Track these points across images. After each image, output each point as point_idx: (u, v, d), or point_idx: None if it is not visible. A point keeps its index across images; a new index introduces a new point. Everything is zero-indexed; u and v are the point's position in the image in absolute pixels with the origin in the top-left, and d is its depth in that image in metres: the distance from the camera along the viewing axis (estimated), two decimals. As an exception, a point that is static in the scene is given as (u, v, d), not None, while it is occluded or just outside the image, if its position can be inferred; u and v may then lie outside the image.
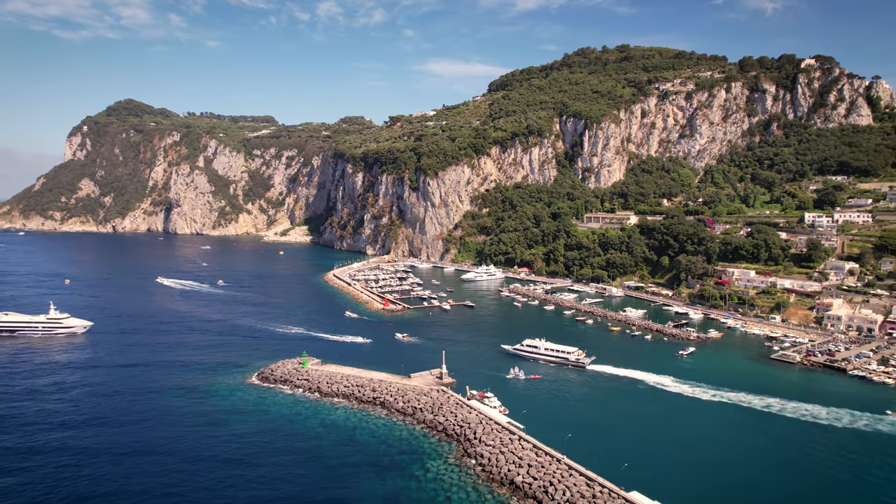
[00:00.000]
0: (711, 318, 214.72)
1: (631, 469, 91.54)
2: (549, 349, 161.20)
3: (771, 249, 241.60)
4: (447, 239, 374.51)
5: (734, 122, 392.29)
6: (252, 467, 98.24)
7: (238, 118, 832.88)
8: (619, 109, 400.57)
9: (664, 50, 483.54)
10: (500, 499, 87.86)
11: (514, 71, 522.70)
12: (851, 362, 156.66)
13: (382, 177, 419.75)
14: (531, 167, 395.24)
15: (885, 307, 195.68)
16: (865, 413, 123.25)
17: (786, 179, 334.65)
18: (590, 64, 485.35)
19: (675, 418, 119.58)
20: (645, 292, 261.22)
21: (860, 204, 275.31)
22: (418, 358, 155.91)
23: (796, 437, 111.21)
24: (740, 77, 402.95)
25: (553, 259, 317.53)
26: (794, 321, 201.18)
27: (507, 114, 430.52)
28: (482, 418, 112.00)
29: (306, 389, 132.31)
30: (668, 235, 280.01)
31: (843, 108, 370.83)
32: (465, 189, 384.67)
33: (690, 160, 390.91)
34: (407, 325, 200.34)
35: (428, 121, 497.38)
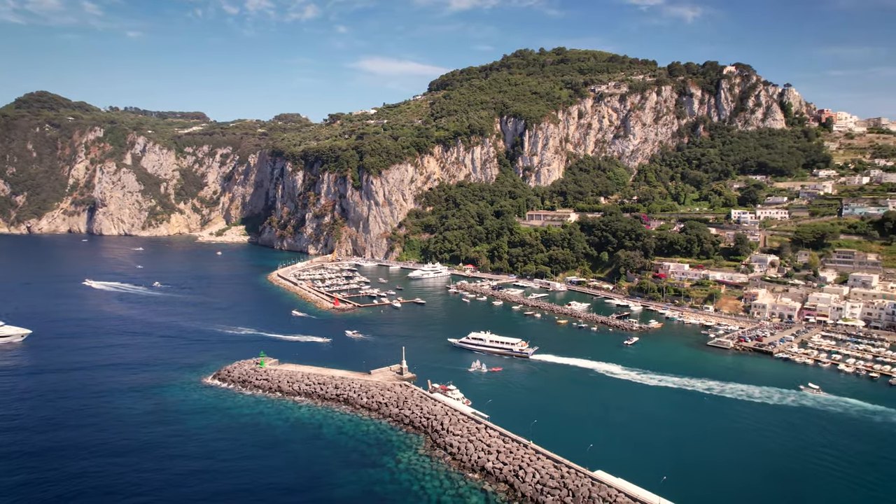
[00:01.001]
0: (651, 309, 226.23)
1: (594, 450, 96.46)
2: (494, 341, 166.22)
3: (702, 244, 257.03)
4: (392, 237, 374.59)
5: (665, 124, 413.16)
6: (220, 465, 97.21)
7: (166, 114, 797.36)
8: (557, 110, 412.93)
9: (598, 53, 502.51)
10: (473, 484, 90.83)
11: (454, 71, 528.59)
12: (777, 346, 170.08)
13: (324, 175, 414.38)
14: (474, 166, 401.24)
15: (802, 296, 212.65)
16: (791, 390, 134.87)
17: (712, 178, 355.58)
18: (528, 65, 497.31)
19: (628, 402, 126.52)
20: (587, 287, 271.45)
21: (778, 201, 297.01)
22: (376, 355, 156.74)
23: (736, 414, 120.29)
24: (670, 81, 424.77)
25: (497, 256, 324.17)
26: (726, 310, 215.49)
27: (449, 113, 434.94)
28: (447, 410, 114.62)
29: (266, 389, 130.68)
30: (607, 232, 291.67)
31: (761, 113, 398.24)
32: (408, 188, 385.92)
33: (625, 160, 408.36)
34: (359, 323, 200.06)
35: (369, 119, 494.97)
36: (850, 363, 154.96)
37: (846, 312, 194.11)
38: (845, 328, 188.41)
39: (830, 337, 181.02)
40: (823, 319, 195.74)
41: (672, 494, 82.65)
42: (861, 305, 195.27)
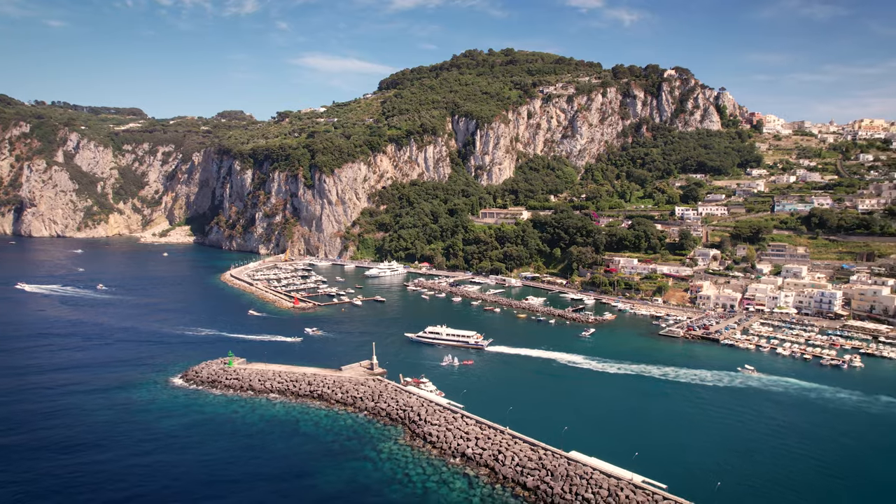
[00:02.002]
0: (603, 302, 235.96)
1: (566, 433, 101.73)
2: (450, 334, 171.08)
3: (650, 240, 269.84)
4: (345, 236, 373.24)
5: (610, 125, 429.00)
6: (200, 461, 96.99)
7: (99, 109, 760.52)
8: (507, 110, 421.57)
9: (546, 55, 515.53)
10: (455, 469, 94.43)
11: (404, 70, 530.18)
12: (722, 334, 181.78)
13: (274, 174, 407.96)
14: (426, 165, 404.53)
15: (742, 287, 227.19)
16: (738, 374, 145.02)
17: (655, 177, 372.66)
18: (478, 66, 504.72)
19: (593, 389, 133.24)
20: (541, 282, 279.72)
21: (716, 199, 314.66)
22: (344, 352, 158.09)
23: (692, 396, 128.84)
24: (614, 83, 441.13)
25: (453, 253, 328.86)
26: (674, 302, 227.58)
27: (401, 112, 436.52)
28: (423, 401, 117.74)
29: (238, 388, 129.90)
30: (559, 229, 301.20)
31: (699, 115, 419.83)
32: (362, 186, 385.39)
33: (573, 159, 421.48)
34: (321, 321, 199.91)
35: (318, 117, 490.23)
36: (787, 347, 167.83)
37: (781, 301, 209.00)
38: (780, 316, 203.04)
39: (768, 324, 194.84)
40: (761, 308, 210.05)
41: (642, 469, 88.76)
42: (793, 295, 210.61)
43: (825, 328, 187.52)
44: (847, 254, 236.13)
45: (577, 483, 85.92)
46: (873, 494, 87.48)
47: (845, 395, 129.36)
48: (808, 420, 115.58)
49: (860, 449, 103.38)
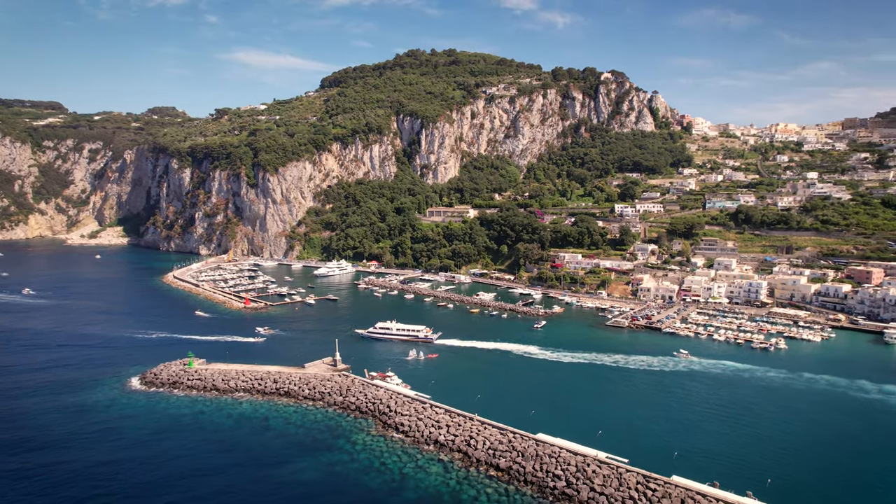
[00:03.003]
0: (551, 296, 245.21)
1: (531, 418, 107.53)
2: (400, 329, 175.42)
3: (592, 236, 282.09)
4: (291, 236, 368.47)
5: (550, 125, 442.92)
6: (172, 462, 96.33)
7: (12, 102, 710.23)
8: (451, 110, 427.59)
9: (487, 56, 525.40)
10: (430, 456, 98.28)
11: (346, 68, 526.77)
12: (664, 323, 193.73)
13: (215, 173, 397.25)
14: (372, 164, 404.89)
15: (679, 279, 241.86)
16: (682, 358, 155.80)
17: (594, 176, 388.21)
18: (421, 65, 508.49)
19: (550, 377, 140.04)
20: (490, 278, 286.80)
21: (652, 196, 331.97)
22: (304, 350, 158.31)
23: (642, 380, 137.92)
24: (554, 85, 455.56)
25: (401, 251, 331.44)
26: (617, 294, 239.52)
27: (345, 111, 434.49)
28: (391, 393, 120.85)
29: (201, 389, 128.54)
30: (505, 226, 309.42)
31: (634, 116, 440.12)
32: (307, 185, 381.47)
33: (515, 158, 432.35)
34: (275, 321, 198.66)
35: (259, 115, 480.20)
36: (722, 333, 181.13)
37: (714, 292, 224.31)
38: (714, 305, 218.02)
39: (704, 313, 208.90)
40: (697, 298, 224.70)
41: (604, 446, 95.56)
42: (725, 286, 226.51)
43: (753, 315, 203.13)
44: (770, 247, 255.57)
45: (547, 462, 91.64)
46: (797, 451, 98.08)
47: (774, 374, 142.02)
48: (744, 396, 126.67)
49: (788, 418, 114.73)
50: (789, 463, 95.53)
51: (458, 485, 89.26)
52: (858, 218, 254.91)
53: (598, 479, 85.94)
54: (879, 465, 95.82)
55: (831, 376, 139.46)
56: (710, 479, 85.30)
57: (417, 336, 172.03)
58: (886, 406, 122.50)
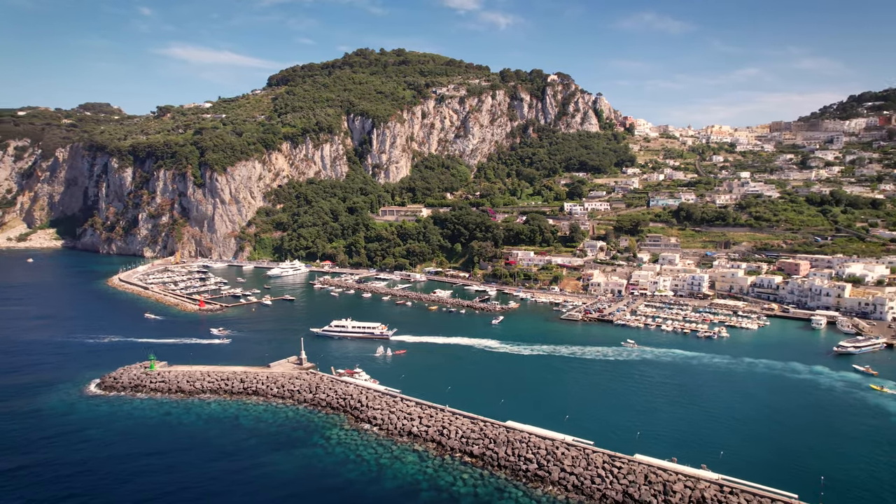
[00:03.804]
0: (506, 292, 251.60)
1: (500, 406, 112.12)
2: (356, 326, 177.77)
3: (544, 233, 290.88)
4: (241, 236, 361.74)
5: (499, 126, 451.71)
6: (146, 465, 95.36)
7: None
8: (402, 110, 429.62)
9: (437, 56, 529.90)
10: (405, 447, 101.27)
11: (294, 66, 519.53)
12: (615, 315, 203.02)
13: (159, 172, 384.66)
14: (323, 163, 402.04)
15: (627, 274, 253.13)
16: (634, 349, 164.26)
17: (543, 175, 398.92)
18: (370, 65, 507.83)
19: (513, 369, 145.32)
20: (445, 276, 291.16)
21: (599, 195, 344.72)
22: (266, 350, 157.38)
23: (599, 368, 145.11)
24: (502, 86, 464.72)
25: (355, 251, 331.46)
26: (569, 289, 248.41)
27: (294, 110, 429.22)
28: (361, 389, 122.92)
29: (166, 391, 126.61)
30: (459, 225, 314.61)
31: (579, 118, 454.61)
32: (256, 185, 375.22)
33: (466, 158, 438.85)
34: (232, 322, 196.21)
35: (204, 113, 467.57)
36: (669, 324, 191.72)
37: (660, 285, 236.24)
38: (661, 298, 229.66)
39: (652, 305, 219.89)
40: (644, 292, 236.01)
41: (571, 430, 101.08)
42: (670, 279, 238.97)
43: (697, 307, 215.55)
44: (709, 242, 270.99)
45: (518, 446, 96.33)
46: (744, 427, 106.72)
47: (718, 360, 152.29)
48: (693, 380, 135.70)
49: (733, 398, 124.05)
50: (738, 437, 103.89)
51: (434, 472, 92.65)
52: (787, 215, 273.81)
53: (567, 461, 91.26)
54: (811, 434, 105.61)
55: (768, 360, 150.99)
56: (668, 456, 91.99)
57: (373, 333, 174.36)
58: (816, 384, 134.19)
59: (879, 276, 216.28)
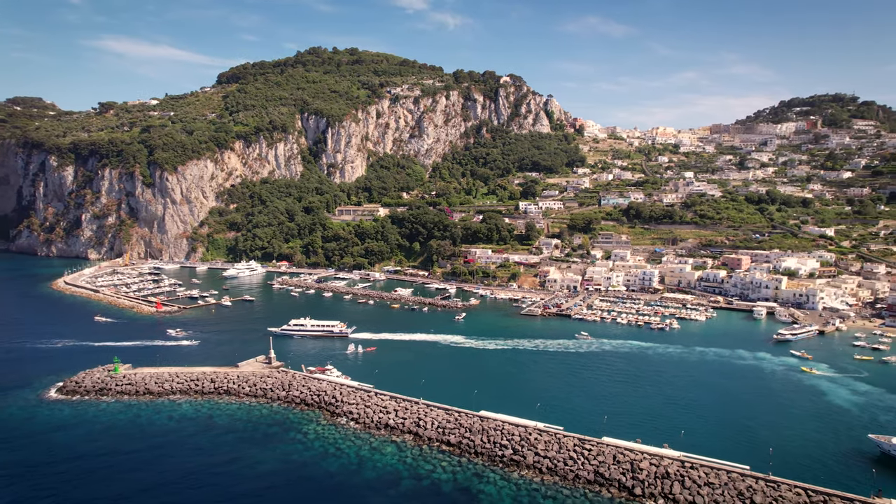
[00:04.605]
0: (465, 290, 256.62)
1: (472, 398, 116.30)
2: (315, 325, 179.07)
3: (500, 232, 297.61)
4: (193, 237, 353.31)
5: (454, 126, 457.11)
6: (121, 466, 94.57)
7: None
8: (357, 109, 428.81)
9: (390, 56, 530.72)
10: (382, 439, 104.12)
11: (244, 64, 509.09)
12: (572, 310, 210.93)
13: (104, 171, 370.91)
14: (277, 162, 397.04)
15: (581, 270, 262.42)
16: (593, 341, 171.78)
17: (497, 175, 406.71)
18: (323, 64, 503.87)
19: (481, 362, 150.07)
20: (404, 275, 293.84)
21: (552, 194, 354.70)
22: (232, 350, 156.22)
23: (563, 361, 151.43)
24: (456, 87, 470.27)
25: (312, 251, 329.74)
26: (527, 286, 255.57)
27: (246, 108, 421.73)
28: (335, 385, 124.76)
29: (133, 394, 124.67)
30: (417, 224, 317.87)
31: (531, 119, 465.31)
32: (209, 184, 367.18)
33: (421, 158, 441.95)
34: (192, 324, 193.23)
35: (151, 110, 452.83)
36: (624, 317, 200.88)
37: (613, 281, 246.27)
38: (614, 293, 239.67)
39: (606, 300, 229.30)
40: (598, 287, 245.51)
41: (541, 418, 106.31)
42: (622, 275, 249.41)
43: (649, 300, 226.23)
44: (658, 239, 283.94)
45: (493, 434, 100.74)
46: (699, 408, 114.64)
47: (672, 349, 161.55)
48: (651, 369, 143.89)
49: (688, 383, 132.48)
50: (694, 418, 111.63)
51: (413, 461, 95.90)
52: (728, 213, 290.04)
53: (540, 445, 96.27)
54: (758, 412, 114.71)
55: (717, 348, 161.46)
56: (633, 437, 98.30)
57: (332, 331, 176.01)
58: (760, 368, 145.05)
59: (811, 270, 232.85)
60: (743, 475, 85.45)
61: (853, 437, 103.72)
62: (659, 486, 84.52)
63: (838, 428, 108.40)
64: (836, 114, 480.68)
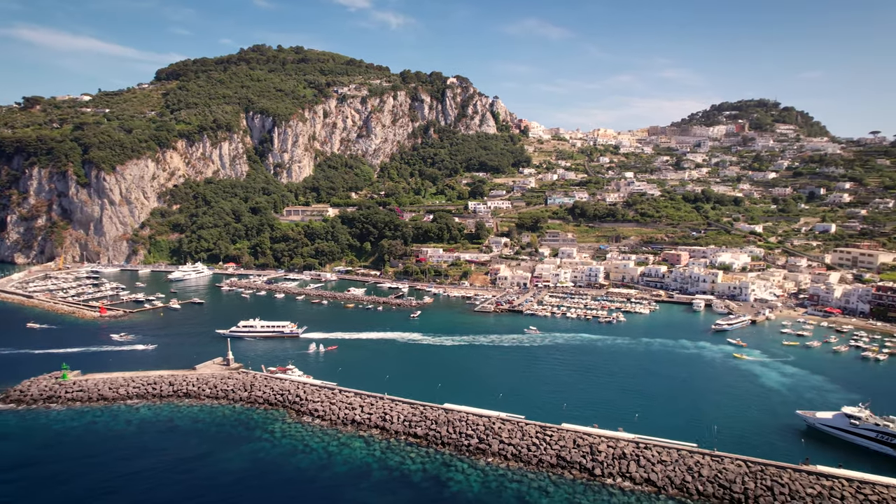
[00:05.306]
0: (418, 288, 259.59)
1: (436, 391, 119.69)
2: (265, 326, 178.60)
3: (451, 231, 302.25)
4: (133, 239, 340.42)
5: (401, 126, 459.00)
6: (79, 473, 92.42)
7: None
8: (303, 109, 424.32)
9: (337, 56, 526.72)
10: (350, 434, 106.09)
11: (185, 60, 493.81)
12: (523, 306, 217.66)
13: (32, 170, 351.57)
14: (222, 162, 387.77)
15: (530, 267, 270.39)
16: (546, 335, 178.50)
17: (445, 175, 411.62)
18: (268, 62, 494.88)
19: (440, 358, 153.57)
20: (356, 275, 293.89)
21: (499, 194, 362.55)
22: (187, 353, 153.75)
23: (518, 354, 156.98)
24: (403, 87, 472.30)
25: (261, 252, 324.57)
26: (478, 283, 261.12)
27: (188, 106, 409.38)
28: (298, 384, 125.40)
29: (85, 400, 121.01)
30: (367, 224, 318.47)
31: (478, 120, 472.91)
32: (150, 184, 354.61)
33: (369, 157, 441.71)
34: (140, 327, 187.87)
35: (83, 107, 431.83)
36: (573, 312, 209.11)
37: (561, 277, 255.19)
38: (563, 289, 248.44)
39: (555, 295, 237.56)
40: (547, 284, 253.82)
41: (503, 408, 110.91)
42: (570, 271, 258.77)
43: (595, 295, 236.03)
44: (602, 237, 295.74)
45: (458, 425, 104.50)
46: (649, 393, 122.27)
47: (620, 341, 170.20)
48: (602, 359, 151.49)
49: (637, 371, 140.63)
50: (645, 403, 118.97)
51: (382, 454, 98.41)
52: (667, 211, 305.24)
53: (504, 433, 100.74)
54: (702, 396, 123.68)
55: (661, 339, 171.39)
56: (590, 423, 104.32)
57: (283, 332, 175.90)
58: (701, 356, 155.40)
59: (743, 264, 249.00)
60: (691, 452, 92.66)
61: (783, 414, 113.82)
62: (617, 466, 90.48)
63: (771, 406, 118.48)
64: (761, 118, 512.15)
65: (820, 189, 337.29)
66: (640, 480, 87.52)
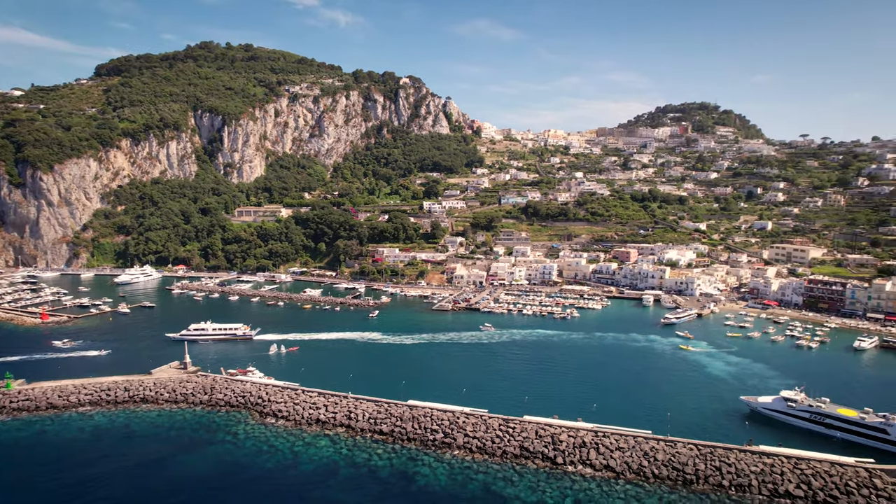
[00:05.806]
0: (375, 288, 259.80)
1: (399, 389, 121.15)
2: (216, 328, 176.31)
3: (407, 231, 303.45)
4: (74, 242, 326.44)
5: (354, 126, 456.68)
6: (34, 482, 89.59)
7: None
8: (254, 108, 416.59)
9: (288, 54, 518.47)
10: (315, 433, 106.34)
11: (128, 56, 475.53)
12: (480, 304, 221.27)
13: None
14: (170, 161, 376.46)
15: (486, 266, 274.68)
16: (504, 331, 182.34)
17: (399, 175, 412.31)
18: (216, 59, 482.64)
19: (401, 356, 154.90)
20: (311, 275, 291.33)
21: (454, 194, 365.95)
22: (140, 358, 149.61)
23: (477, 351, 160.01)
24: (356, 87, 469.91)
25: (212, 254, 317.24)
26: (435, 282, 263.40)
27: (133, 104, 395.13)
28: (259, 385, 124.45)
29: (33, 409, 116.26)
30: (321, 224, 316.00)
31: (431, 120, 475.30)
32: (92, 185, 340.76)
33: (321, 157, 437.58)
34: (88, 333, 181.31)
35: (15, 102, 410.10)
36: (528, 308, 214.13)
37: (516, 275, 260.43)
38: (517, 286, 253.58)
39: (511, 293, 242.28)
40: (503, 282, 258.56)
41: (466, 403, 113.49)
42: (524, 269, 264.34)
43: (549, 292, 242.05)
44: (554, 235, 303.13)
45: (423, 420, 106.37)
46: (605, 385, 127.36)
47: (575, 336, 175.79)
48: (558, 354, 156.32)
49: (593, 364, 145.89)
50: (601, 393, 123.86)
51: (349, 451, 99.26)
52: (616, 210, 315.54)
53: (469, 427, 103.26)
54: (655, 385, 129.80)
55: (614, 333, 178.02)
56: (551, 414, 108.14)
57: (236, 334, 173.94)
58: (652, 349, 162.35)
59: (689, 260, 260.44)
60: (647, 438, 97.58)
61: (729, 400, 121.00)
62: (578, 455, 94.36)
63: (717, 393, 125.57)
64: (703, 120, 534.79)
65: (757, 189, 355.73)
66: (600, 467, 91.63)
